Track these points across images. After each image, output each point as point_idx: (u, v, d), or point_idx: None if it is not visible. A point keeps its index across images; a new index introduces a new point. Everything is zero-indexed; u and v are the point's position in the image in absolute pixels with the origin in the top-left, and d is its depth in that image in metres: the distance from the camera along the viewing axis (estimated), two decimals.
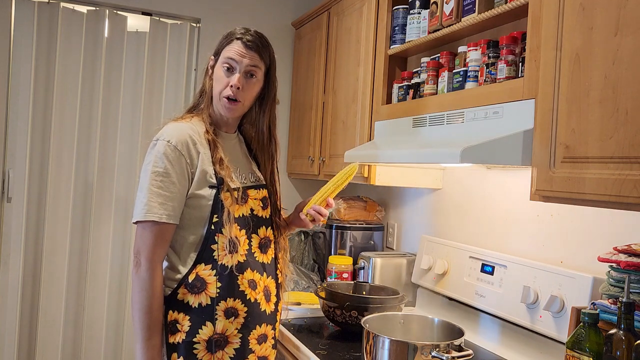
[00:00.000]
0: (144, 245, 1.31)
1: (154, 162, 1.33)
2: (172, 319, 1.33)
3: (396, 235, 2.47)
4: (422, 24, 1.85)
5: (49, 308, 2.59)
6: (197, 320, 1.33)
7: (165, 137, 1.35)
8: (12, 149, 2.53)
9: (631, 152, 1.03)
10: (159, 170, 1.32)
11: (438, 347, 1.31)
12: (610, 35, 1.09)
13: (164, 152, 1.33)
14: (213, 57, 1.47)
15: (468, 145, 1.32)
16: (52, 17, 2.56)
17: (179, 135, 1.35)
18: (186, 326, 1.32)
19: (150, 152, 1.35)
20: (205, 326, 1.32)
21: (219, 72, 1.43)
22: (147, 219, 1.30)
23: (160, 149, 1.33)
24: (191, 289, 1.33)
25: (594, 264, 1.34)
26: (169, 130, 1.37)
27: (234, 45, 1.41)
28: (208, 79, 1.47)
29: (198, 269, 1.34)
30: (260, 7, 2.94)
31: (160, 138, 1.35)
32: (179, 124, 1.40)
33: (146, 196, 1.31)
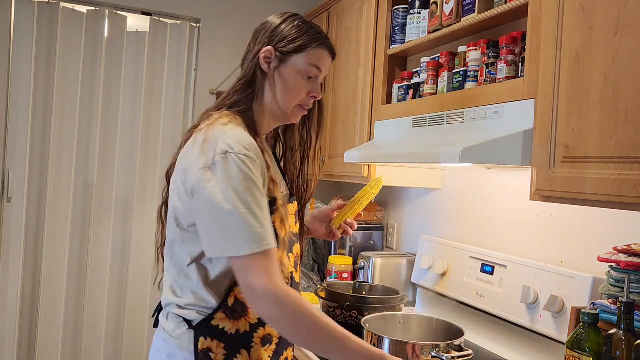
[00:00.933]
0: (264, 276, 1.05)
1: (243, 179, 1.06)
2: (204, 347, 1.13)
3: (396, 235, 2.47)
4: (422, 24, 1.85)
5: (49, 308, 2.60)
6: (232, 348, 1.15)
7: (238, 147, 1.08)
8: (12, 149, 2.54)
9: (631, 152, 1.03)
10: (253, 187, 1.07)
11: (438, 347, 1.31)
12: (610, 35, 1.09)
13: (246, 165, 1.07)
14: (275, 50, 1.21)
15: (468, 145, 1.32)
16: (52, 17, 2.56)
17: (250, 144, 1.11)
18: (220, 355, 1.14)
19: (223, 169, 1.06)
20: (240, 355, 1.16)
21: (295, 76, 1.21)
22: (264, 248, 1.05)
23: (239, 163, 1.07)
24: (230, 314, 1.15)
25: (594, 264, 1.34)
26: (235, 139, 1.09)
27: (323, 53, 1.24)
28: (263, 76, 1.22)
29: (237, 292, 1.14)
30: (260, 7, 2.94)
31: (231, 150, 1.07)
32: (239, 132, 1.13)
33: (257, 219, 1.06)
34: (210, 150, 1.09)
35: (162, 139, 2.75)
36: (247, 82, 1.22)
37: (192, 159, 1.11)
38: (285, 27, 1.22)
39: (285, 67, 1.22)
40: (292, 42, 1.21)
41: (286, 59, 1.21)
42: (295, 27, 1.22)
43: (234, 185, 1.06)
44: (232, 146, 1.08)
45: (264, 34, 1.23)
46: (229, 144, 1.08)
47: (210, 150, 1.09)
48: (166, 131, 2.76)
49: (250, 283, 1.05)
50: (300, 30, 1.22)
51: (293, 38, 1.21)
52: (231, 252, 1.06)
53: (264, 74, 1.22)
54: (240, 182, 1.06)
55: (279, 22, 1.23)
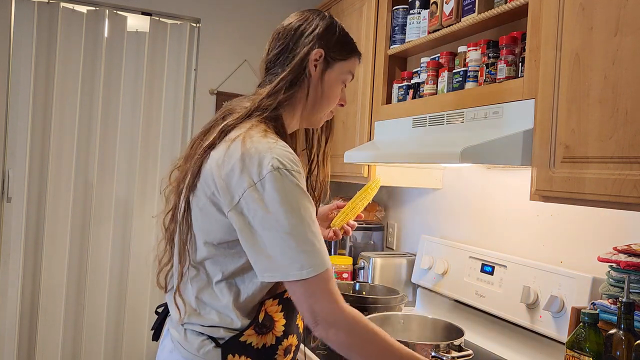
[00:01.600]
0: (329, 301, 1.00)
1: (299, 197, 1.01)
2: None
3: (396, 235, 2.47)
4: (422, 24, 1.85)
5: (49, 308, 2.60)
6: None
7: (290, 165, 1.02)
8: (12, 149, 2.54)
9: (631, 152, 1.03)
10: (308, 205, 1.02)
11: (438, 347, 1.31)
12: (610, 35, 1.09)
13: (299, 181, 1.02)
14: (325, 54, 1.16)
15: (468, 145, 1.32)
16: (52, 17, 2.56)
17: (296, 158, 1.05)
18: None
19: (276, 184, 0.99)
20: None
21: (334, 84, 1.19)
22: (324, 268, 1.00)
23: (293, 179, 1.01)
24: (259, 330, 1.11)
25: (594, 264, 1.34)
26: (282, 153, 1.03)
27: (357, 61, 1.23)
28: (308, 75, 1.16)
29: (267, 305, 1.12)
30: (260, 7, 2.94)
31: (284, 167, 1.00)
32: (282, 144, 1.06)
33: (314, 241, 1.00)
34: (255, 166, 1.00)
35: (162, 139, 2.75)
36: (291, 82, 1.14)
37: (230, 174, 1.02)
38: (334, 31, 1.19)
39: (330, 72, 1.18)
40: (342, 48, 1.19)
41: (332, 64, 1.18)
42: (343, 32, 1.20)
43: (290, 202, 0.99)
44: (282, 162, 1.01)
45: (309, 35, 1.16)
46: (279, 160, 1.01)
47: (255, 166, 1.00)
48: (166, 131, 2.76)
49: (314, 310, 1.00)
50: (347, 37, 1.20)
51: (343, 44, 1.19)
52: (293, 276, 0.98)
53: (308, 77, 1.16)
54: (297, 200, 1.00)
55: (325, 25, 1.18)
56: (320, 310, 1.00)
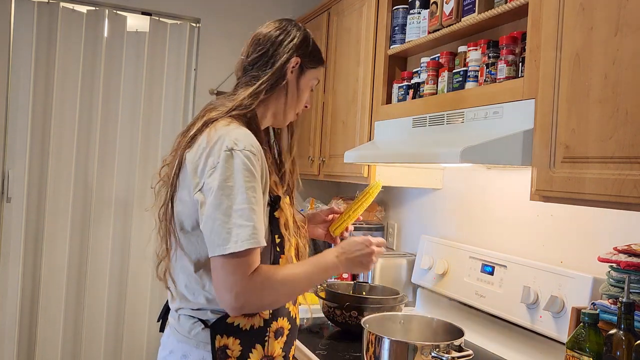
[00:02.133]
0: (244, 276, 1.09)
1: (243, 176, 1.09)
2: (221, 344, 1.18)
3: (396, 235, 2.47)
4: (422, 24, 1.85)
5: (48, 307, 2.60)
6: (248, 343, 1.20)
7: (242, 144, 1.12)
8: (12, 149, 2.54)
9: (631, 152, 1.03)
10: (252, 185, 1.10)
11: (438, 347, 1.30)
12: (610, 35, 1.08)
13: (250, 162, 1.11)
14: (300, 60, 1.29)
15: (468, 145, 1.32)
16: (52, 17, 2.56)
17: (254, 142, 1.15)
18: (237, 351, 1.19)
19: (227, 165, 1.10)
20: (255, 349, 1.21)
21: (305, 89, 1.33)
22: (253, 245, 1.08)
23: (244, 159, 1.10)
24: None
25: (594, 264, 1.34)
26: (241, 137, 1.13)
27: (322, 71, 1.40)
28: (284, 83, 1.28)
29: None
30: (260, 7, 2.94)
31: (236, 147, 1.11)
32: (244, 131, 1.17)
33: (249, 216, 1.08)
34: (215, 150, 1.12)
35: (162, 139, 2.75)
36: (272, 86, 1.26)
37: (195, 162, 1.15)
38: (308, 42, 1.32)
39: (303, 78, 1.31)
40: (314, 58, 1.32)
41: (305, 71, 1.31)
42: (314, 44, 1.33)
43: (238, 181, 1.09)
44: (236, 142, 1.12)
45: (288, 44, 1.28)
46: (234, 141, 1.12)
47: (216, 150, 1.12)
48: (166, 131, 2.76)
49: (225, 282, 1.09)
50: (318, 48, 1.34)
51: (315, 55, 1.33)
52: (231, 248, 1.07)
53: (283, 80, 1.27)
54: (244, 179, 1.09)
55: (302, 36, 1.31)
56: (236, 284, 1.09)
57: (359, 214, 1.51)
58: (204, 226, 1.11)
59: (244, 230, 1.08)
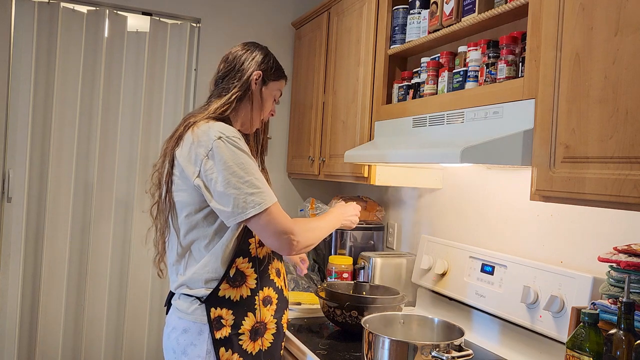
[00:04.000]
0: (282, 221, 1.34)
1: (238, 155, 1.33)
2: (216, 315, 1.38)
3: (396, 235, 2.47)
4: (422, 24, 1.85)
5: (49, 308, 2.60)
6: (239, 312, 1.40)
7: (228, 133, 1.35)
8: (12, 149, 2.53)
9: (631, 152, 1.03)
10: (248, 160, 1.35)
11: (438, 347, 1.31)
12: (610, 35, 1.09)
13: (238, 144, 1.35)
14: (262, 76, 1.53)
15: (468, 145, 1.32)
16: (52, 17, 2.56)
17: (237, 131, 1.40)
18: (230, 320, 1.39)
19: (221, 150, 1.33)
20: (247, 317, 1.41)
21: (267, 99, 1.56)
22: (274, 200, 1.34)
23: (233, 142, 1.34)
24: (232, 283, 1.40)
25: (594, 264, 1.34)
26: (226, 127, 1.38)
27: (284, 83, 1.61)
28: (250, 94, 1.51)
29: (237, 263, 1.41)
30: (260, 7, 2.94)
31: (223, 136, 1.34)
32: (226, 124, 1.41)
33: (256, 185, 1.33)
34: (204, 141, 1.34)
35: (162, 139, 2.74)
36: (240, 97, 1.50)
37: (187, 156, 1.37)
38: (270, 58, 1.56)
39: (266, 89, 1.55)
40: (275, 72, 1.56)
41: (267, 82, 1.55)
42: (275, 60, 1.58)
43: (235, 161, 1.32)
44: (222, 132, 1.35)
45: (251, 61, 1.52)
46: (220, 131, 1.35)
47: (204, 141, 1.34)
48: (166, 131, 2.76)
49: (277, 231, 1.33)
50: (278, 64, 1.59)
51: (275, 69, 1.56)
52: (250, 213, 1.30)
53: (250, 92, 1.51)
54: (239, 157, 1.33)
55: (263, 54, 1.55)
56: (282, 230, 1.33)
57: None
58: (222, 203, 1.32)
59: (257, 196, 1.31)
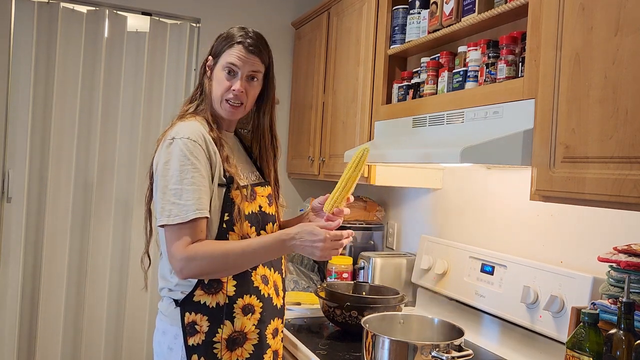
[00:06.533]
0: (175, 243, 1.27)
1: (179, 160, 1.29)
2: (190, 320, 1.32)
3: (396, 235, 2.47)
4: (422, 24, 1.85)
5: (49, 308, 2.59)
6: (215, 319, 1.32)
7: (183, 134, 1.31)
8: (12, 149, 2.53)
9: (631, 152, 1.03)
10: (187, 167, 1.28)
11: (438, 347, 1.30)
12: (610, 35, 1.09)
13: (187, 148, 1.29)
14: (212, 58, 1.46)
15: (468, 145, 1.32)
16: (52, 17, 2.56)
17: (196, 132, 1.33)
18: (205, 327, 1.32)
19: (167, 150, 1.31)
20: (224, 325, 1.33)
21: (219, 75, 1.42)
22: (188, 218, 1.26)
23: (181, 146, 1.30)
24: (207, 290, 1.33)
25: (594, 264, 1.34)
26: (183, 129, 1.33)
27: (235, 50, 1.41)
28: (207, 80, 1.46)
29: None
30: (260, 7, 2.94)
31: (177, 136, 1.31)
32: (190, 123, 1.37)
33: (180, 195, 1.27)
34: (163, 145, 1.34)
35: None
36: (201, 88, 1.47)
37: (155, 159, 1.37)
38: (221, 36, 1.47)
39: (216, 68, 1.45)
40: (218, 47, 1.45)
41: (217, 60, 1.45)
42: (225, 35, 1.46)
43: (173, 164, 1.29)
44: (178, 133, 1.32)
45: (208, 49, 1.49)
46: (177, 131, 1.33)
47: (164, 145, 1.34)
48: None
49: (169, 249, 1.28)
50: (228, 36, 1.45)
51: (222, 43, 1.45)
52: (163, 221, 1.28)
53: (209, 81, 1.45)
54: (179, 161, 1.28)
55: (218, 35, 1.49)
56: (171, 252, 1.28)
57: (351, 188, 1.42)
58: (155, 203, 1.34)
59: (175, 207, 1.26)
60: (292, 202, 2.97)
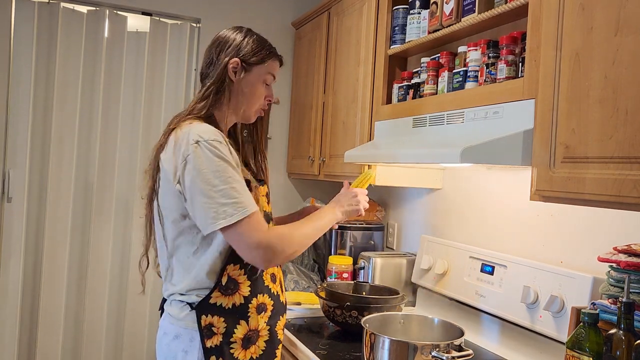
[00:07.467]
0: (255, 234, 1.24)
1: (215, 162, 1.24)
2: (207, 323, 1.32)
3: (396, 235, 2.47)
4: (422, 24, 1.85)
5: (49, 308, 2.59)
6: (231, 320, 1.34)
7: (208, 136, 1.27)
8: (13, 149, 2.53)
9: (631, 152, 1.03)
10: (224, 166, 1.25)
11: (438, 347, 1.30)
12: (610, 35, 1.09)
13: (217, 149, 1.25)
14: (241, 62, 1.40)
15: (468, 145, 1.32)
16: (52, 17, 2.56)
17: (218, 133, 1.30)
18: (222, 328, 1.33)
19: (196, 154, 1.24)
20: (239, 325, 1.35)
21: (258, 84, 1.43)
22: (247, 213, 1.24)
23: (211, 147, 1.25)
24: (224, 292, 1.34)
25: (594, 264, 1.34)
26: (205, 130, 1.28)
27: (276, 64, 1.47)
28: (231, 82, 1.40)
29: (229, 270, 1.34)
30: (261, 7, 2.94)
31: (202, 139, 1.25)
32: (207, 125, 1.32)
33: (230, 194, 1.23)
34: (183, 145, 1.27)
35: None
36: (217, 90, 1.39)
37: (170, 160, 1.30)
38: (248, 41, 1.43)
39: (250, 75, 1.42)
40: (255, 55, 1.42)
41: (250, 69, 1.42)
42: (256, 41, 1.44)
43: (210, 168, 1.24)
44: (200, 135, 1.26)
45: (228, 48, 1.41)
46: (198, 134, 1.27)
47: (183, 145, 1.27)
48: None
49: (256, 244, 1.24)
50: (261, 45, 1.44)
51: (257, 51, 1.42)
52: (224, 223, 1.23)
53: (231, 83, 1.40)
54: (215, 164, 1.24)
55: (241, 37, 1.43)
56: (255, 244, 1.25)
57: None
58: (194, 211, 1.26)
59: (230, 207, 1.23)
60: (292, 202, 2.97)
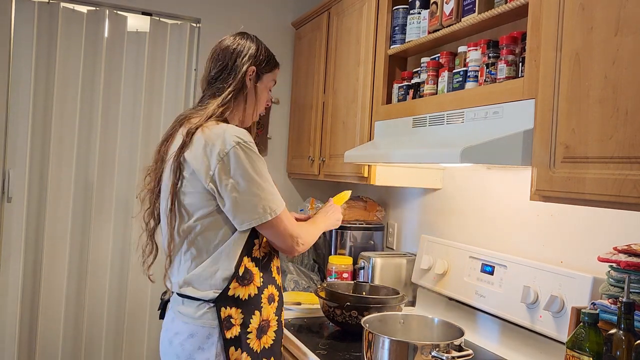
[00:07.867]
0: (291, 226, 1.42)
1: (256, 160, 1.36)
2: (226, 315, 1.37)
3: (396, 235, 2.47)
4: (422, 24, 1.85)
5: (49, 308, 2.59)
6: (247, 311, 1.40)
7: (244, 137, 1.37)
8: (12, 149, 2.53)
9: (631, 152, 1.03)
10: (261, 165, 1.38)
11: (438, 347, 1.31)
12: (610, 35, 1.09)
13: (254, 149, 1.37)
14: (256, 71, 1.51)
15: (468, 145, 1.32)
16: (52, 17, 2.56)
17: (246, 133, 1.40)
18: (239, 319, 1.39)
19: (239, 153, 1.34)
20: (254, 315, 1.41)
21: (264, 91, 1.55)
22: (283, 207, 1.40)
23: (250, 147, 1.36)
24: (242, 282, 1.40)
25: (594, 264, 1.34)
26: (240, 132, 1.38)
27: (278, 71, 1.59)
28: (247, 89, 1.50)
29: (245, 262, 1.40)
30: (260, 7, 2.94)
31: (241, 141, 1.35)
32: (240, 128, 1.42)
33: (269, 190, 1.37)
34: (218, 145, 1.33)
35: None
36: (236, 94, 1.48)
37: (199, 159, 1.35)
38: (261, 50, 1.53)
39: (260, 83, 1.53)
40: (268, 63, 1.54)
41: (261, 76, 1.53)
42: (266, 50, 1.55)
43: (253, 168, 1.34)
44: (240, 137, 1.35)
45: (245, 56, 1.50)
46: (237, 136, 1.35)
47: (219, 145, 1.33)
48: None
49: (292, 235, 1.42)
50: (269, 54, 1.56)
51: (268, 61, 1.54)
52: (269, 217, 1.36)
53: (245, 88, 1.50)
54: (257, 164, 1.36)
55: (255, 46, 1.52)
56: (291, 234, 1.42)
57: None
58: (236, 208, 1.34)
59: (272, 203, 1.36)
60: (292, 202, 2.97)
